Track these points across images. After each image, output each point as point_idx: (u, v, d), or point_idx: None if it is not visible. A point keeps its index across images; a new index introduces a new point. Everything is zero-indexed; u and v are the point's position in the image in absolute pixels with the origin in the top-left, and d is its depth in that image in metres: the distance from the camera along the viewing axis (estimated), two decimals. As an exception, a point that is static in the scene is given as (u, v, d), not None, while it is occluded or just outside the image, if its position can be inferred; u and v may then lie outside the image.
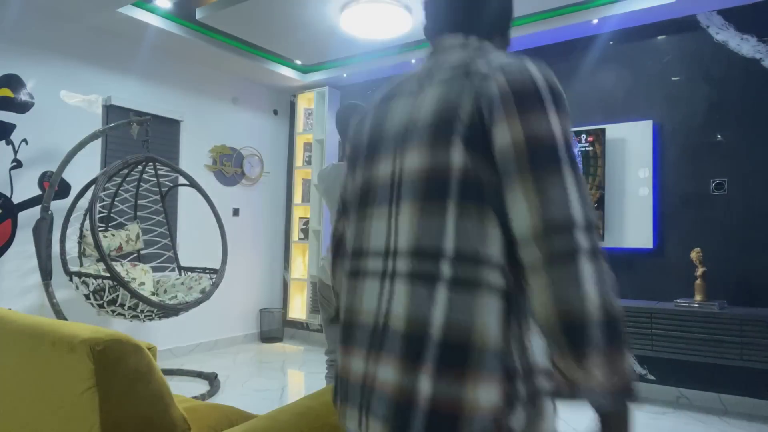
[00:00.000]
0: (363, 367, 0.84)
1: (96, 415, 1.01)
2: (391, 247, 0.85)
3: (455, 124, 0.80)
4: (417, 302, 0.78)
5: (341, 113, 2.40)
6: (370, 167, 0.93)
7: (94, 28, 3.91)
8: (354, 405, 0.85)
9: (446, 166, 0.80)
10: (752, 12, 3.35)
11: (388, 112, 0.93)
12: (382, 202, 0.88)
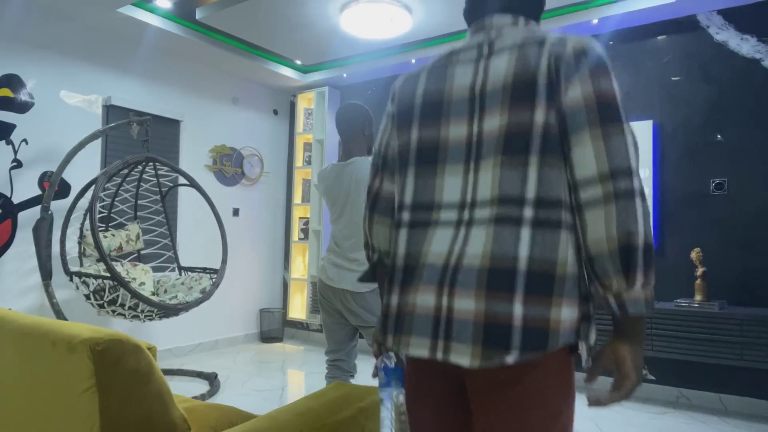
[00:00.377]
0: (434, 301, 0.95)
1: (96, 415, 1.01)
2: (468, 200, 0.97)
3: (536, 85, 0.93)
4: (501, 242, 0.91)
5: (341, 113, 2.40)
6: (433, 128, 1.03)
7: (94, 28, 3.91)
8: (423, 334, 0.95)
9: (529, 123, 0.93)
10: (752, 12, 3.35)
11: (446, 77, 1.04)
12: (456, 160, 1.00)
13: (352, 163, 2.31)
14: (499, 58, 0.99)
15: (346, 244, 2.32)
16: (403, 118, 1.10)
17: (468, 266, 0.93)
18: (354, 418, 1.30)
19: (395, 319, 1.01)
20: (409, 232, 1.04)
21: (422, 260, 0.99)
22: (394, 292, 1.03)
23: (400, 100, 1.11)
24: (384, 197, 1.16)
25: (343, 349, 2.43)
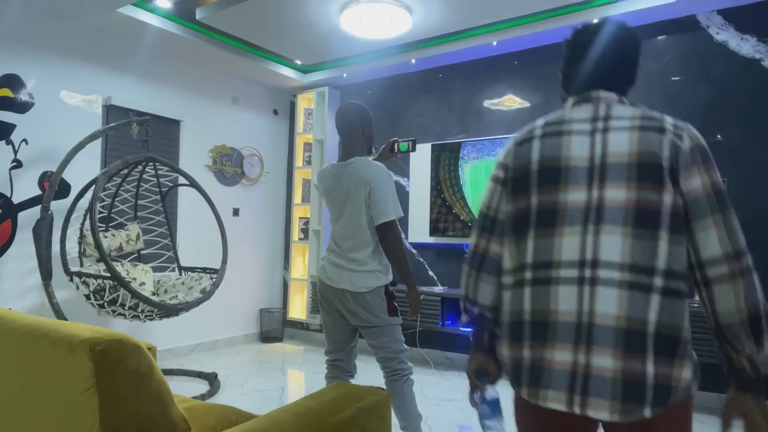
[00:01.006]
0: (571, 358, 1.05)
1: (96, 415, 1.01)
2: (588, 258, 1.07)
3: (662, 169, 1.06)
4: (635, 306, 1.02)
5: (341, 113, 2.40)
6: (552, 193, 1.13)
7: (94, 28, 3.91)
8: (560, 388, 1.05)
9: (657, 201, 1.05)
10: (752, 12, 3.35)
11: (561, 146, 1.14)
12: (574, 222, 1.09)
13: (352, 163, 2.31)
14: (618, 134, 1.10)
15: (346, 244, 2.32)
16: (519, 184, 1.18)
17: (602, 325, 1.03)
18: (354, 418, 1.30)
19: (529, 372, 1.10)
20: (533, 290, 1.12)
21: (552, 318, 1.08)
22: (525, 346, 1.12)
23: (515, 168, 1.20)
24: (491, 257, 1.24)
25: (343, 349, 2.43)
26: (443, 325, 4.13)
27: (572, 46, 1.28)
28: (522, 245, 1.16)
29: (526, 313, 1.12)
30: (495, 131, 4.32)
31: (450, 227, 4.35)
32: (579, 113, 1.18)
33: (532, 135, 1.20)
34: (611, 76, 1.22)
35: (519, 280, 1.16)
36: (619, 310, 1.02)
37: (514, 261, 1.18)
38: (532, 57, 4.18)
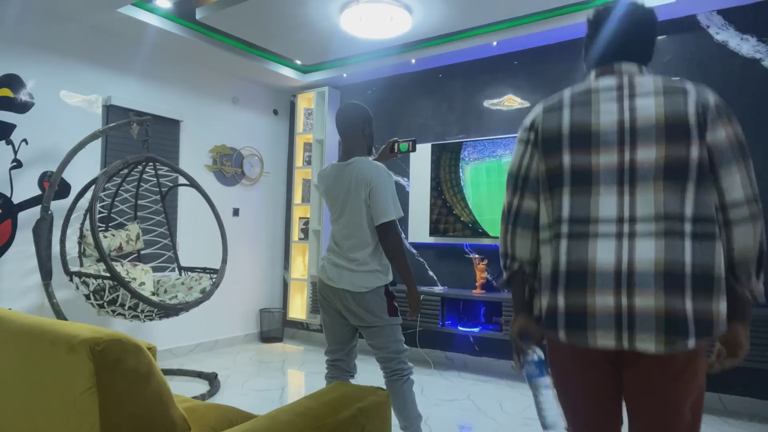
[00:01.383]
0: (613, 301, 1.17)
1: (96, 415, 1.01)
2: (625, 215, 1.19)
3: (689, 126, 1.18)
4: (671, 251, 1.15)
5: (341, 113, 2.40)
6: (584, 154, 1.24)
7: (94, 28, 3.91)
8: (607, 329, 1.18)
9: (685, 156, 1.17)
10: (752, 12, 3.35)
11: (589, 112, 1.26)
12: (609, 182, 1.21)
13: (353, 163, 2.31)
14: (644, 99, 1.23)
15: (346, 244, 2.32)
16: (551, 145, 1.29)
17: (643, 271, 1.16)
18: (354, 418, 1.30)
19: (566, 317, 1.22)
20: (569, 243, 1.24)
21: (590, 268, 1.20)
22: (559, 293, 1.23)
23: (545, 130, 1.31)
24: (525, 213, 1.34)
25: (343, 349, 2.43)
26: (443, 325, 4.13)
27: (594, 23, 1.38)
28: (557, 200, 1.28)
29: (562, 264, 1.24)
30: (495, 131, 4.32)
31: (450, 228, 4.35)
32: (604, 83, 1.29)
33: (561, 104, 1.31)
34: (631, 49, 1.33)
35: (556, 234, 1.27)
36: (657, 256, 1.16)
37: (550, 215, 1.30)
38: (532, 57, 4.18)
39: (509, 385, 3.81)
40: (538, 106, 1.37)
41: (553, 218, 1.28)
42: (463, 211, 4.29)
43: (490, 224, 4.15)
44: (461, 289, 4.30)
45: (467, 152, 4.29)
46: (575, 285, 1.21)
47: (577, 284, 1.21)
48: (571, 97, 1.31)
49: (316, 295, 4.87)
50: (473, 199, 4.25)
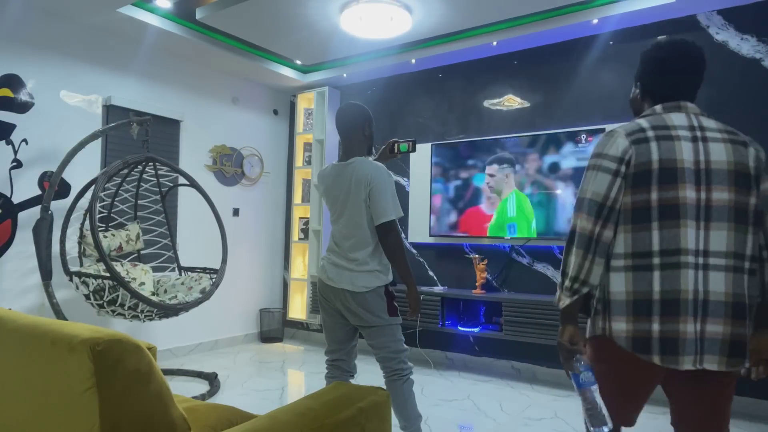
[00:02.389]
0: (693, 328, 1.34)
1: (96, 415, 1.01)
2: (701, 248, 1.35)
3: (750, 177, 1.38)
4: (736, 285, 1.35)
5: (341, 113, 2.40)
6: (672, 190, 1.36)
7: (94, 28, 3.91)
8: (690, 352, 1.34)
9: (746, 203, 1.37)
10: (752, 12, 3.35)
11: (674, 149, 1.38)
12: (691, 216, 1.36)
13: (353, 163, 2.31)
14: (716, 144, 1.39)
15: (346, 244, 2.32)
16: (641, 179, 1.39)
17: (715, 301, 1.34)
18: (354, 418, 1.30)
19: (661, 342, 1.35)
20: (662, 274, 1.36)
21: (683, 296, 1.34)
22: (654, 321, 1.35)
23: (638, 164, 1.39)
24: (604, 242, 1.41)
25: (343, 349, 2.43)
26: (443, 325, 4.13)
27: (660, 63, 1.51)
28: (643, 234, 1.38)
29: (656, 293, 1.35)
30: (495, 131, 4.32)
31: (450, 227, 4.34)
32: (676, 120, 1.42)
33: (647, 136, 1.40)
34: (692, 89, 1.48)
35: (643, 265, 1.37)
36: (727, 288, 1.34)
37: (630, 246, 1.39)
38: (532, 57, 4.18)
39: (509, 385, 3.81)
40: (621, 136, 1.42)
41: (639, 250, 1.38)
42: (463, 211, 4.28)
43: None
44: (461, 289, 4.29)
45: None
46: (669, 312, 1.34)
47: (672, 312, 1.34)
48: (654, 131, 1.40)
49: (316, 295, 4.87)
50: (473, 199, 4.24)
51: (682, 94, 1.47)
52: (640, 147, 1.38)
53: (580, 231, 1.42)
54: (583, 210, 1.42)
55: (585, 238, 1.41)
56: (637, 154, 1.38)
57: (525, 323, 3.71)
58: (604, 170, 1.41)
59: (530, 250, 4.11)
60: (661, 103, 1.48)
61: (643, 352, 1.36)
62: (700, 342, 1.33)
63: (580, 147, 3.78)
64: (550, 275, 4.01)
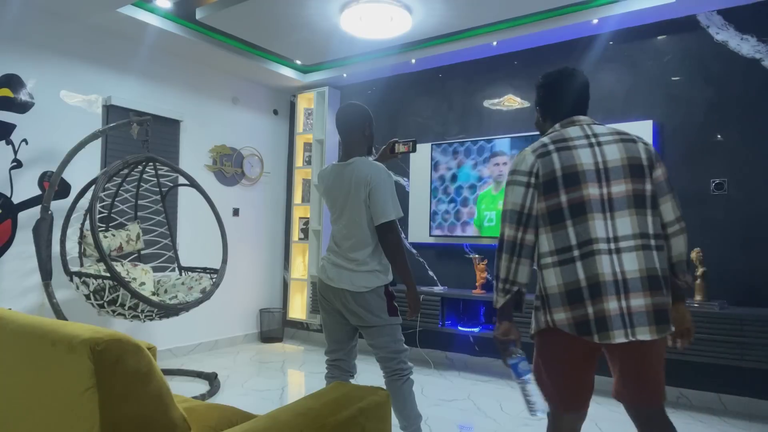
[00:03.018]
0: (618, 305, 1.50)
1: (96, 415, 1.01)
2: (611, 235, 1.54)
3: (643, 167, 1.59)
4: (647, 261, 1.53)
5: (341, 113, 2.40)
6: (577, 191, 1.56)
7: (94, 28, 3.91)
8: (619, 327, 1.50)
9: (643, 189, 1.58)
10: (752, 12, 3.35)
11: (573, 157, 1.59)
12: (597, 210, 1.55)
13: (353, 163, 2.31)
14: (609, 146, 1.61)
15: (346, 244, 2.32)
16: (549, 186, 1.59)
17: (632, 278, 1.51)
18: (354, 418, 1.30)
19: (596, 322, 1.51)
20: (583, 263, 1.54)
21: (601, 279, 1.51)
22: (587, 305, 1.52)
23: (545, 174, 1.59)
24: (526, 244, 1.61)
25: (343, 349, 2.43)
26: (443, 325, 4.13)
27: (550, 88, 1.77)
28: (561, 232, 1.57)
29: (582, 281, 1.53)
30: (495, 131, 4.32)
31: (450, 227, 4.34)
32: (572, 132, 1.65)
33: (548, 150, 1.62)
34: (582, 105, 1.75)
35: (566, 258, 1.56)
36: (640, 265, 1.52)
37: (553, 244, 1.58)
38: (532, 57, 4.18)
39: (509, 385, 3.81)
40: (529, 153, 1.65)
41: (560, 246, 1.57)
42: (463, 211, 4.28)
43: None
44: (461, 289, 4.29)
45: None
46: (595, 296, 1.51)
47: (596, 295, 1.51)
48: (554, 144, 1.63)
49: (316, 295, 4.88)
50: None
51: (574, 110, 1.72)
52: (545, 159, 1.60)
53: (507, 238, 1.62)
54: (506, 220, 1.63)
55: (510, 243, 1.61)
56: (543, 166, 1.60)
57: (525, 323, 3.70)
58: (518, 183, 1.63)
59: (530, 250, 4.11)
60: (558, 121, 1.72)
61: (584, 333, 1.53)
62: (629, 317, 1.50)
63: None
64: (550, 275, 4.01)
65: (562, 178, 1.58)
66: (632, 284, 1.51)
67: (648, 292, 1.50)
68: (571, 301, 1.54)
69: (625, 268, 1.52)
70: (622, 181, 1.56)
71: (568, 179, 1.57)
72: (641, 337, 1.49)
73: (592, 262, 1.52)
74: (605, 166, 1.58)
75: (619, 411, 3.26)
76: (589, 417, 3.12)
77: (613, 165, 1.58)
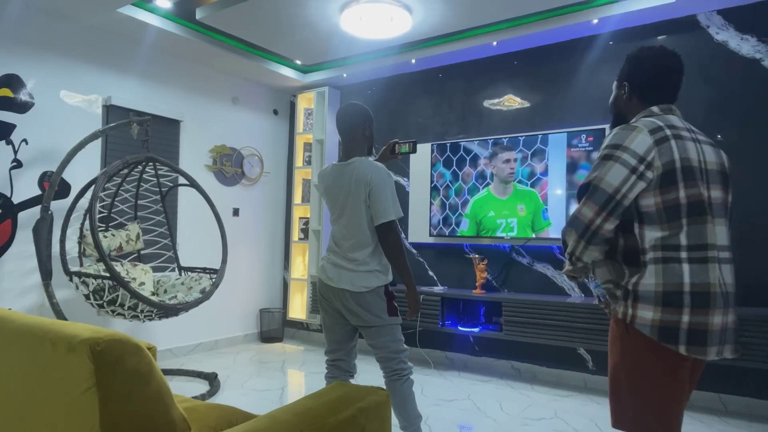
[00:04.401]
0: (721, 320, 1.39)
1: (96, 415, 1.01)
2: (717, 243, 1.41)
3: (727, 177, 1.50)
4: (733, 275, 1.46)
5: (341, 113, 2.40)
6: (694, 187, 1.40)
7: (94, 28, 3.91)
8: (715, 343, 1.37)
9: (727, 200, 1.49)
10: (752, 12, 3.35)
11: (687, 149, 1.42)
12: (710, 213, 1.42)
13: (353, 163, 2.31)
14: (706, 147, 1.48)
15: (346, 244, 2.32)
16: (668, 178, 1.40)
17: (731, 292, 1.43)
18: (354, 418, 1.30)
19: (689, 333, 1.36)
20: (691, 267, 1.38)
21: (710, 289, 1.38)
22: (684, 312, 1.37)
23: (665, 164, 1.40)
24: (602, 234, 1.43)
25: (342, 349, 2.43)
26: (443, 325, 4.13)
27: (655, 64, 1.54)
28: (674, 230, 1.40)
29: (686, 285, 1.38)
30: (495, 131, 4.32)
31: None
32: (675, 121, 1.48)
33: (665, 135, 1.42)
34: (676, 93, 1.56)
35: (671, 257, 1.40)
36: (732, 279, 1.45)
37: (660, 240, 1.40)
38: (532, 57, 4.18)
39: (509, 385, 3.81)
40: (645, 133, 1.41)
41: (665, 243, 1.40)
42: (463, 211, 4.27)
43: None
44: (461, 289, 4.29)
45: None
46: (699, 305, 1.37)
47: (702, 305, 1.37)
48: (670, 129, 1.43)
49: (316, 295, 4.87)
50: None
51: (672, 97, 1.55)
52: (663, 147, 1.39)
53: (582, 218, 1.43)
54: (590, 197, 1.42)
55: (583, 226, 1.43)
56: (661, 154, 1.39)
57: (525, 323, 3.71)
58: (622, 163, 1.40)
59: (530, 250, 4.11)
60: (657, 105, 1.52)
61: (667, 341, 1.37)
62: (724, 333, 1.39)
63: (579, 147, 3.78)
64: (550, 275, 4.01)
65: (681, 171, 1.40)
66: (731, 299, 1.42)
67: (734, 309, 1.43)
68: (665, 303, 1.38)
69: (726, 281, 1.42)
70: (719, 188, 1.45)
71: (686, 173, 1.40)
72: (727, 355, 1.41)
73: (705, 269, 1.38)
74: (705, 167, 1.44)
75: (619, 411, 3.26)
76: (589, 417, 3.13)
77: (711, 168, 1.45)
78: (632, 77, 1.57)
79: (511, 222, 4.05)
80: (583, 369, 3.83)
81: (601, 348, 3.46)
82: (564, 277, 3.94)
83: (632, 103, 1.57)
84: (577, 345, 3.61)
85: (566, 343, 3.57)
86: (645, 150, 1.39)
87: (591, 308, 3.47)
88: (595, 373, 3.78)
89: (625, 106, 1.59)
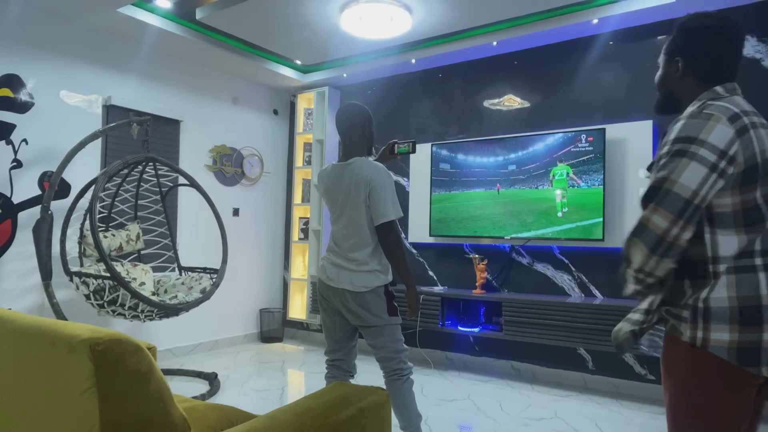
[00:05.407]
0: None
1: (96, 415, 1.01)
2: None
3: None
4: None
5: (341, 113, 2.40)
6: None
7: (94, 28, 3.91)
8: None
9: None
10: (752, 12, 3.35)
11: (762, 140, 1.20)
12: None
13: (352, 163, 2.31)
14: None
15: (346, 244, 2.32)
16: (749, 176, 1.18)
17: None
18: (354, 418, 1.30)
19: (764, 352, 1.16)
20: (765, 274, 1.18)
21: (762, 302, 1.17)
22: (765, 330, 1.17)
23: (746, 160, 1.17)
24: (678, 245, 1.18)
25: (342, 349, 2.43)
26: (443, 325, 4.13)
27: (717, 34, 1.29)
28: (752, 235, 1.19)
29: (764, 297, 1.16)
30: (495, 131, 4.32)
31: (450, 227, 4.34)
32: (745, 105, 1.24)
33: (744, 123, 1.19)
34: (737, 70, 1.31)
35: (745, 266, 1.19)
36: None
37: (736, 247, 1.19)
38: (532, 57, 4.18)
39: (509, 385, 3.81)
40: (724, 122, 1.18)
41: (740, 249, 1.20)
42: (463, 211, 4.26)
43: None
44: (461, 289, 4.29)
45: (467, 152, 4.27)
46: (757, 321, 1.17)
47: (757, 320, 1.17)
48: (748, 116, 1.20)
49: (315, 295, 4.87)
50: (473, 199, 4.24)
51: (735, 75, 1.30)
52: (744, 138, 1.17)
53: (655, 229, 1.17)
54: (662, 203, 1.17)
55: (656, 238, 1.17)
56: (744, 147, 1.17)
57: (525, 323, 3.71)
58: (701, 161, 1.15)
59: (530, 250, 4.11)
60: (715, 84, 1.28)
61: (749, 364, 1.17)
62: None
63: (580, 147, 3.78)
64: (550, 275, 4.01)
65: (762, 166, 1.18)
66: None
67: None
68: (743, 321, 1.17)
69: None
70: None
71: (765, 168, 1.18)
72: None
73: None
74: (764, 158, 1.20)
75: (618, 411, 3.27)
76: (589, 417, 3.13)
77: None
78: (688, 51, 1.32)
79: (512, 222, 4.05)
80: (583, 369, 3.83)
81: (601, 348, 3.46)
82: (564, 277, 3.94)
83: (687, 82, 1.33)
84: (577, 345, 3.61)
85: (566, 343, 3.57)
86: (726, 143, 1.16)
87: (591, 308, 3.47)
88: (595, 373, 3.78)
89: (678, 86, 1.35)
